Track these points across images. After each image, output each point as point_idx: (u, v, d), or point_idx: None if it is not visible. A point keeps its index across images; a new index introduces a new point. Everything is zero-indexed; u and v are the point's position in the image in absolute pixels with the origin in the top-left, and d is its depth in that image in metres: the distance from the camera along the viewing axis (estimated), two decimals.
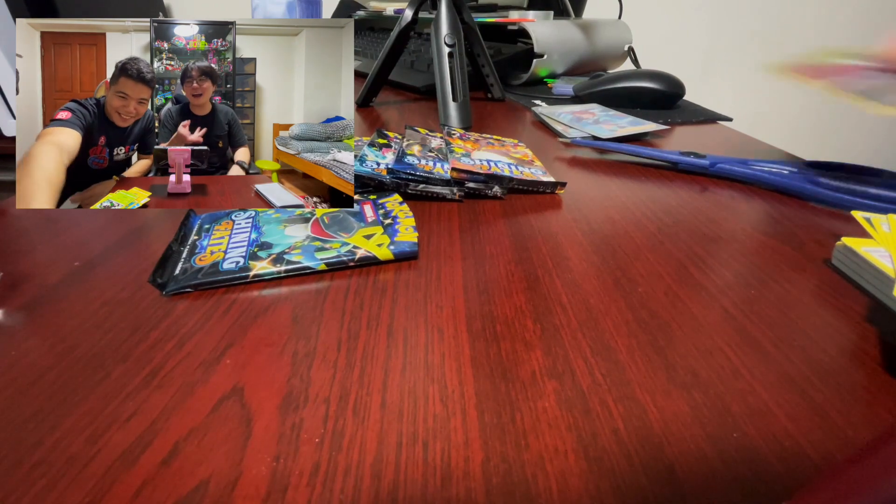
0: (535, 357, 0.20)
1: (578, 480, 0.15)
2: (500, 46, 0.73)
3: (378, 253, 0.26)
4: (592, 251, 0.28)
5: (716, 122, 0.59)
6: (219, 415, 0.17)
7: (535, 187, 0.36)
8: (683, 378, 0.19)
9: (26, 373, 0.19)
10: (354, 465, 0.15)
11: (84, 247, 0.28)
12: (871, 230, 0.26)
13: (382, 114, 0.58)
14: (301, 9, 0.60)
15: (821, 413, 0.17)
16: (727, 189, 0.38)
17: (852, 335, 0.22)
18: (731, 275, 0.26)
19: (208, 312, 0.22)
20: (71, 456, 0.15)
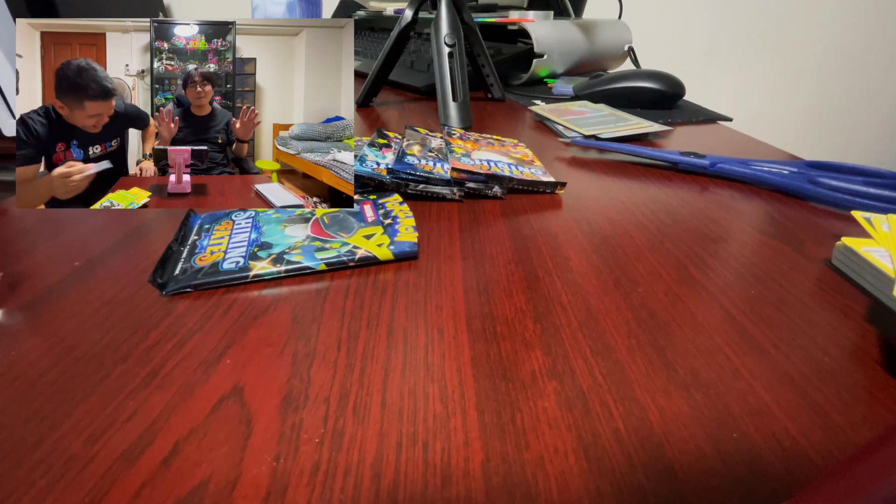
0: (535, 357, 0.20)
1: (578, 480, 0.15)
2: (500, 46, 0.73)
3: (378, 253, 0.26)
4: (592, 251, 0.28)
5: (716, 122, 0.59)
6: (219, 415, 0.17)
7: (535, 187, 0.36)
8: (683, 378, 0.19)
9: (26, 373, 0.19)
10: (354, 465, 0.15)
11: (84, 247, 0.28)
12: (871, 230, 0.26)
13: (382, 114, 0.58)
14: (301, 9, 0.60)
15: (821, 413, 0.17)
16: (727, 189, 0.38)
17: (852, 335, 0.22)
18: (731, 275, 0.26)
19: (208, 312, 0.22)
20: (71, 456, 0.15)
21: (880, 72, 1.53)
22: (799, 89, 1.56)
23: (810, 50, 1.49)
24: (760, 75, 1.52)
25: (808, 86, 1.55)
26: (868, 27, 1.47)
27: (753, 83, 1.54)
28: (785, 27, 1.46)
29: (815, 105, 1.58)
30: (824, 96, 1.57)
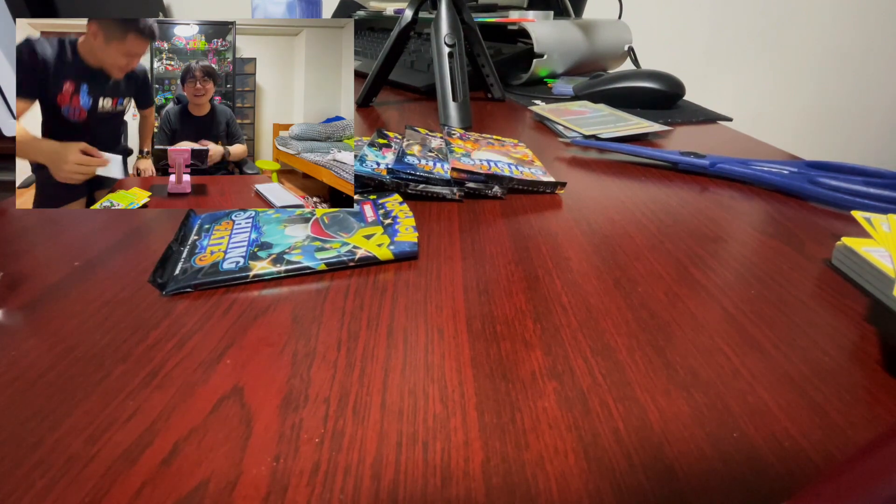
0: (535, 357, 0.20)
1: (578, 480, 0.15)
2: (500, 46, 0.73)
3: (378, 253, 0.26)
4: (592, 251, 0.28)
5: (716, 122, 0.59)
6: (219, 415, 0.17)
7: (535, 187, 0.36)
8: (683, 378, 0.19)
9: (26, 373, 0.19)
10: (354, 465, 0.15)
11: (84, 247, 0.28)
12: (871, 230, 0.26)
13: (382, 114, 0.58)
14: (301, 9, 0.60)
15: (821, 413, 0.17)
16: (727, 189, 0.38)
17: (852, 335, 0.22)
18: (731, 275, 0.26)
19: (208, 312, 0.22)
20: (71, 456, 0.15)
21: (880, 72, 1.54)
22: (799, 89, 1.56)
23: (810, 50, 1.49)
24: (760, 75, 1.52)
25: (808, 86, 1.55)
26: (868, 27, 1.47)
27: (753, 83, 1.54)
28: (785, 27, 1.46)
29: (815, 105, 1.58)
30: (824, 96, 1.57)
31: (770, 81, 1.53)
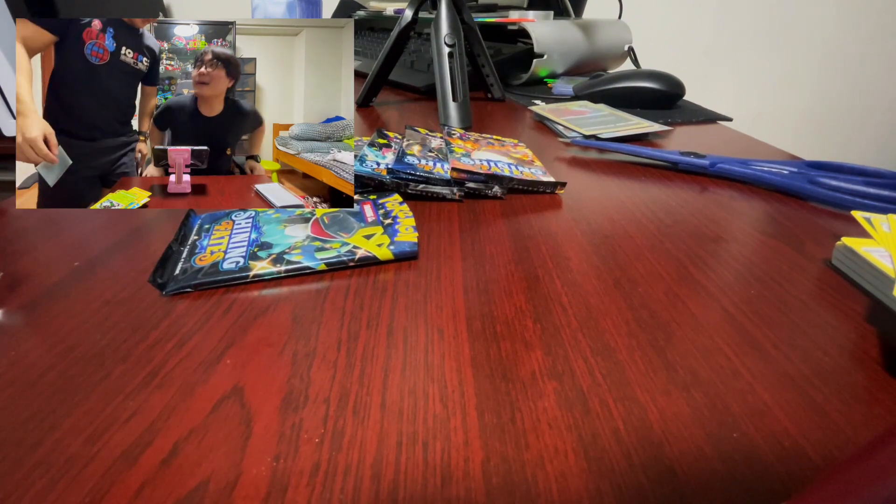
0: (535, 357, 0.20)
1: (578, 480, 0.15)
2: (500, 46, 0.73)
3: (378, 253, 0.26)
4: (592, 251, 0.28)
5: (716, 122, 0.59)
6: (219, 415, 0.17)
7: (535, 187, 0.36)
8: (683, 378, 0.19)
9: (26, 373, 0.19)
10: (354, 465, 0.15)
11: (84, 247, 0.28)
12: (871, 230, 0.26)
13: (382, 114, 0.58)
14: (301, 9, 0.60)
15: (821, 413, 0.17)
16: (727, 189, 0.38)
17: (852, 335, 0.22)
18: (731, 275, 0.26)
19: (208, 312, 0.22)
20: (71, 456, 0.15)
21: (880, 72, 1.53)
22: (799, 89, 1.56)
23: (810, 50, 1.49)
24: (760, 75, 1.52)
25: (808, 86, 1.55)
26: (868, 27, 1.47)
27: (753, 83, 1.54)
28: (785, 27, 1.46)
29: (815, 105, 1.58)
30: (824, 96, 1.57)
31: (770, 81, 1.53)
